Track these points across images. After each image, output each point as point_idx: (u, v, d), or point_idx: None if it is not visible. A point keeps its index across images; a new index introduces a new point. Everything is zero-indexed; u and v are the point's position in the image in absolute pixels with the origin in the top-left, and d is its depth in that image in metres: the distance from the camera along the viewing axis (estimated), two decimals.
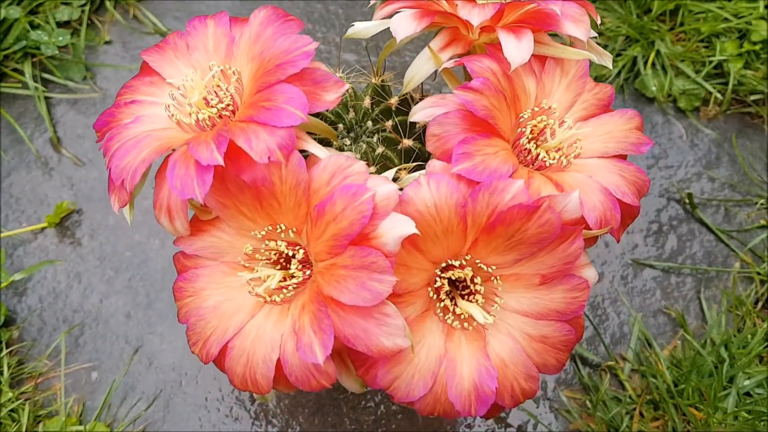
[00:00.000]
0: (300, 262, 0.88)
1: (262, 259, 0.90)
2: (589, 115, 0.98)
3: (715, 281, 1.59)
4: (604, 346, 1.51)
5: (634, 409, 1.44)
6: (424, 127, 1.12)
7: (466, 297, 0.91)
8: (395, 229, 0.80)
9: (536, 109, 0.94)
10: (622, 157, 0.97)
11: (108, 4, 1.79)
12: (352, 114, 1.10)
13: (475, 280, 0.90)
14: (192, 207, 0.92)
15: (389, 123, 1.08)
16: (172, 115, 0.89)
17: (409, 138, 1.09)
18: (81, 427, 1.39)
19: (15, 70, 1.70)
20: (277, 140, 0.82)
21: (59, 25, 1.75)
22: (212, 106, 0.89)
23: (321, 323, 0.81)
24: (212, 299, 0.90)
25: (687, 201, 1.64)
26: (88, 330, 1.51)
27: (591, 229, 0.88)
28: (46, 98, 1.70)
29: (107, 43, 1.78)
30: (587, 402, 1.46)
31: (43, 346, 1.50)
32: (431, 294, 0.89)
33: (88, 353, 1.50)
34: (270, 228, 0.88)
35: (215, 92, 0.90)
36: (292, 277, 0.87)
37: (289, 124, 0.82)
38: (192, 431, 1.43)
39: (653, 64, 1.75)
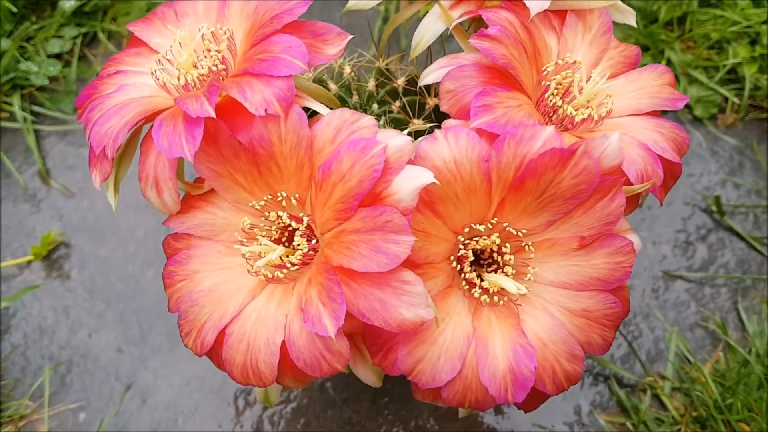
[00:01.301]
0: (304, 234, 0.77)
1: (261, 235, 0.79)
2: (616, 72, 0.90)
3: (752, 290, 1.47)
4: (641, 364, 1.38)
5: (679, 429, 1.30)
6: (436, 107, 1.04)
7: (493, 273, 0.80)
8: (411, 181, 0.70)
9: (560, 62, 0.86)
10: (656, 114, 0.88)
11: (101, 36, 1.74)
12: (356, 97, 1.02)
13: (504, 249, 0.79)
14: (182, 185, 0.83)
15: (397, 103, 1.00)
16: (159, 78, 0.81)
17: (419, 119, 1.00)
18: None
19: (4, 102, 1.63)
20: (275, 91, 0.73)
21: (50, 57, 1.69)
22: (202, 66, 0.80)
23: (330, 292, 0.70)
24: (207, 282, 0.79)
25: (714, 208, 1.54)
26: (76, 368, 1.39)
27: (632, 185, 0.78)
28: (37, 130, 1.62)
29: None
30: (628, 424, 1.32)
31: (26, 386, 1.37)
32: (454, 264, 0.78)
33: (75, 393, 1.36)
34: (270, 197, 0.78)
35: (205, 56, 0.82)
36: (296, 250, 0.76)
37: (288, 73, 0.73)
38: None
39: None
